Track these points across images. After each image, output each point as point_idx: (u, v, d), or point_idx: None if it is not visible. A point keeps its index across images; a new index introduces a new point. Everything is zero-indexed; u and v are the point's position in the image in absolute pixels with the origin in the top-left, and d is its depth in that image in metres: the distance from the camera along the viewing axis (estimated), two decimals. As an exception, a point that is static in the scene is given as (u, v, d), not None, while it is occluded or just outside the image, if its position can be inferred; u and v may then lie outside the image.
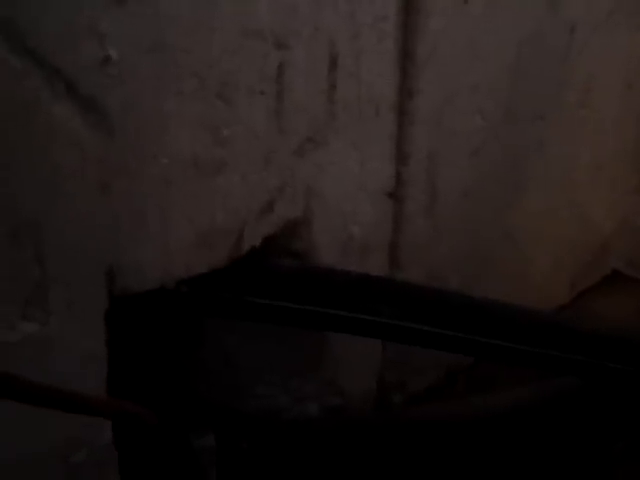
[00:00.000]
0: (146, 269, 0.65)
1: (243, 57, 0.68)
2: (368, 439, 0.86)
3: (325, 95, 0.76)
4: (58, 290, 0.60)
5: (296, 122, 0.74)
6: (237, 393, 0.82)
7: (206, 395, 0.80)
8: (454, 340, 0.74)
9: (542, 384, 0.88)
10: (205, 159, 0.67)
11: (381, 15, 0.79)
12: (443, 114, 0.90)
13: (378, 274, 0.87)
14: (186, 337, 0.80)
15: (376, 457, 0.84)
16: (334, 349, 0.87)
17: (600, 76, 1.14)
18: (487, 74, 0.94)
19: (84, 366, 0.63)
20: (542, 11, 0.99)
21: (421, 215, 0.92)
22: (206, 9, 0.64)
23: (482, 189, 0.99)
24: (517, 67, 0.98)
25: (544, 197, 1.11)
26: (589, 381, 0.82)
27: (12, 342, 0.58)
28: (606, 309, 1.25)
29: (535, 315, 0.78)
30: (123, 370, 0.70)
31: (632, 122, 1.26)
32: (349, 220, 0.84)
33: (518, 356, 0.75)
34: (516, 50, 0.97)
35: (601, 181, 1.23)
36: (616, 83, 1.19)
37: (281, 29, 0.70)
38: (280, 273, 0.77)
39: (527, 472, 0.85)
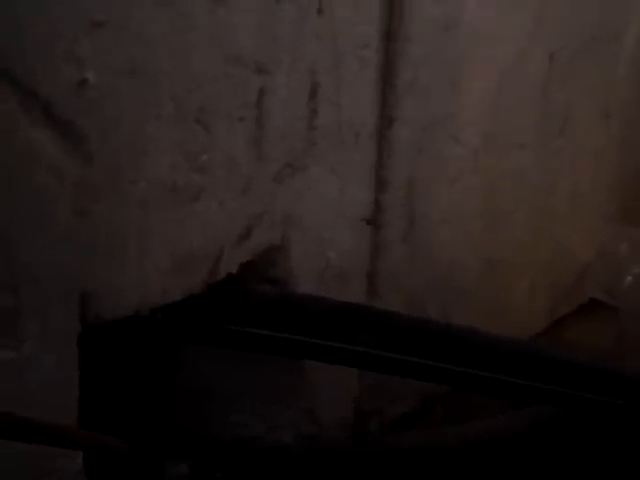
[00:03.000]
0: (121, 295, 0.64)
1: (223, 82, 0.67)
2: (344, 467, 0.85)
3: (305, 122, 0.76)
4: (31, 316, 0.59)
5: (275, 149, 0.74)
6: (211, 421, 0.81)
7: (180, 423, 0.79)
8: (433, 370, 0.74)
9: (519, 412, 0.88)
10: (183, 185, 0.66)
11: (362, 43, 0.79)
12: (423, 141, 0.90)
13: (356, 302, 0.86)
14: (160, 363, 0.78)
15: None
16: (310, 376, 0.86)
17: (579, 105, 1.15)
18: (467, 102, 0.94)
19: (56, 393, 0.62)
20: (523, 38, 1.00)
21: (399, 242, 0.91)
22: (186, 33, 0.63)
23: (461, 216, 0.99)
24: (497, 95, 0.98)
25: (522, 225, 1.11)
26: (568, 411, 0.82)
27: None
28: (583, 337, 1.26)
29: (516, 345, 0.78)
30: (96, 397, 0.68)
31: (610, 151, 1.27)
32: (327, 247, 0.83)
33: (498, 386, 0.75)
34: (497, 78, 0.98)
35: (580, 209, 1.24)
36: (594, 112, 1.20)
37: (262, 55, 0.70)
38: (257, 300, 0.77)
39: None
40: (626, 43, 1.23)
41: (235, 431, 0.82)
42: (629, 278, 1.33)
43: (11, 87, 0.54)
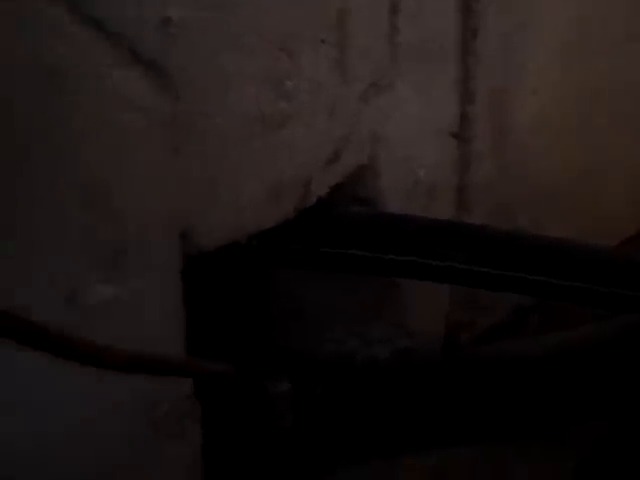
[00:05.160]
0: (218, 228, 0.66)
1: (303, 6, 0.66)
2: (437, 379, 0.86)
3: (387, 39, 0.75)
4: (134, 253, 0.60)
5: (359, 69, 0.73)
6: (309, 339, 0.83)
7: (279, 343, 0.82)
8: (529, 283, 0.74)
9: (615, 320, 0.88)
10: (270, 114, 0.66)
11: (442, -49, 0.77)
12: (508, 51, 0.87)
13: (445, 217, 0.86)
14: (256, 287, 0.80)
15: (446, 396, 0.85)
16: (402, 291, 0.87)
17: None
18: (550, 9, 0.91)
19: (163, 325, 0.64)
20: None
21: (488, 154, 0.90)
22: (263, -39, 0.62)
23: (550, 125, 0.97)
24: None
25: (613, 132, 1.08)
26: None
27: (91, 305, 0.59)
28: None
29: (611, 254, 0.77)
30: (200, 325, 0.71)
31: None
32: (415, 164, 0.83)
33: (593, 297, 0.74)
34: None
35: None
36: None
37: (340, -26, 0.69)
38: (349, 221, 0.77)
39: (597, 409, 0.84)
40: None
41: (332, 348, 0.84)
42: None
43: (97, 31, 0.54)
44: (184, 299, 0.65)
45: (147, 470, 0.66)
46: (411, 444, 0.82)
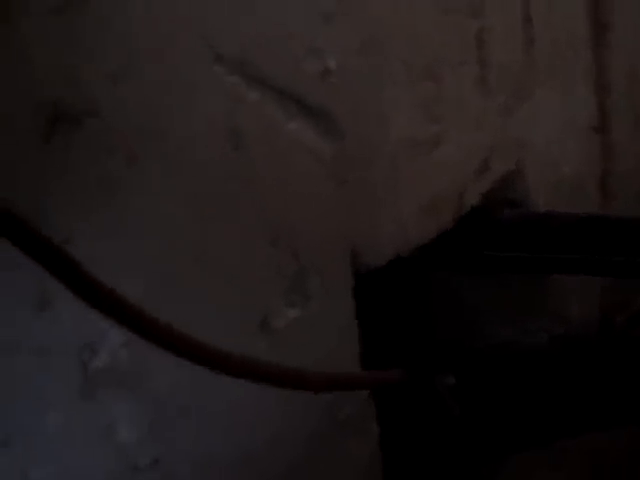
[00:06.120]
0: (384, 246, 0.72)
1: (444, 35, 0.71)
2: (595, 361, 0.89)
3: (523, 50, 0.79)
4: (313, 277, 0.67)
5: (500, 83, 0.77)
6: (471, 334, 0.88)
7: (444, 340, 0.87)
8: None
9: None
10: (422, 137, 0.72)
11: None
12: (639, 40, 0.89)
13: (590, 207, 0.89)
14: (419, 293, 0.86)
15: (602, 378, 0.87)
16: (556, 281, 0.91)
17: None
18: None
19: (339, 339, 0.71)
20: None
21: (628, 142, 0.92)
22: (405, 2, 0.68)
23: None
24: None
25: None
26: None
27: (280, 327, 0.67)
28: None
29: None
30: (371, 333, 0.77)
31: None
32: (559, 162, 0.86)
33: None
34: None
35: None
36: None
37: (474, -1, 0.73)
38: (503, 225, 0.81)
39: None
40: None
41: (493, 340, 0.88)
42: None
43: (268, 91, 0.61)
44: (356, 312, 0.72)
45: (335, 465, 0.73)
46: (569, 428, 0.85)
